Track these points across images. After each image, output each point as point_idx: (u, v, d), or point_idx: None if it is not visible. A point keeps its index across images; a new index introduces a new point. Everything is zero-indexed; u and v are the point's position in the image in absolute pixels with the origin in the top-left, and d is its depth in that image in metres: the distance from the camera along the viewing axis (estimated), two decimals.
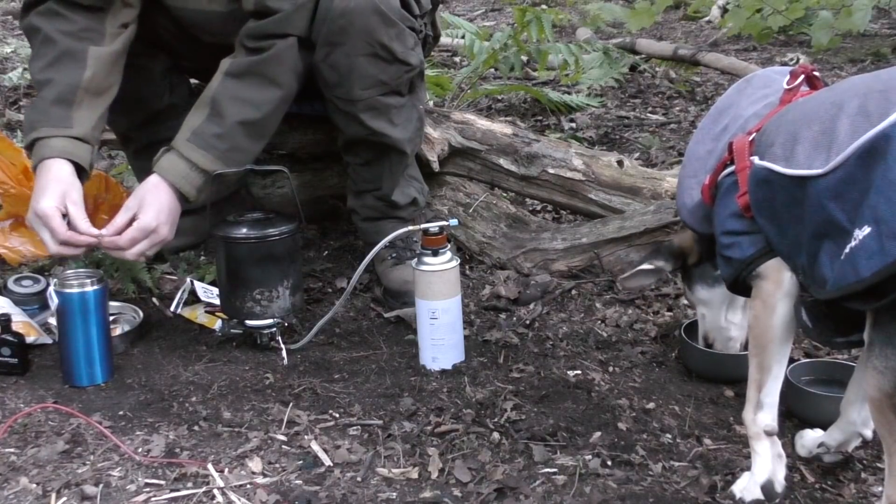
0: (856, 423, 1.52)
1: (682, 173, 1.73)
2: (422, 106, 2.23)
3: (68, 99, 1.92)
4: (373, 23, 1.95)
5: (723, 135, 1.63)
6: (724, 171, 1.55)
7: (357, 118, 2.07)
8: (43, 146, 1.89)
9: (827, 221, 1.28)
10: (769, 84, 1.63)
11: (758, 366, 1.48)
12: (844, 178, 1.26)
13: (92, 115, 1.96)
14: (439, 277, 1.89)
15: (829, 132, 1.31)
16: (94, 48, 1.98)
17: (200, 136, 1.93)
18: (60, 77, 1.94)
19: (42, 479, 1.51)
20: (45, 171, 1.87)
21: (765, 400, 1.48)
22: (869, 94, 1.29)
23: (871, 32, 5.10)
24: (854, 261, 1.20)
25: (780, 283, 1.44)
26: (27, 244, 2.45)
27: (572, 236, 2.36)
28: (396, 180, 2.22)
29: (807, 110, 1.42)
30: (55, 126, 1.90)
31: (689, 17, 6.05)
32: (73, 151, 1.90)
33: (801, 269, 1.39)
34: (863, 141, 1.23)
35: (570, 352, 1.98)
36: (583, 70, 4.20)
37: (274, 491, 1.48)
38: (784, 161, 1.38)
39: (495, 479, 1.51)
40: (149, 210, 1.89)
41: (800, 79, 1.56)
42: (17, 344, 1.89)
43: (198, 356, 2.00)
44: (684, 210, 1.71)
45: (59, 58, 1.95)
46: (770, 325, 1.45)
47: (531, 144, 2.48)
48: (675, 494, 1.48)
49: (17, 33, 5.49)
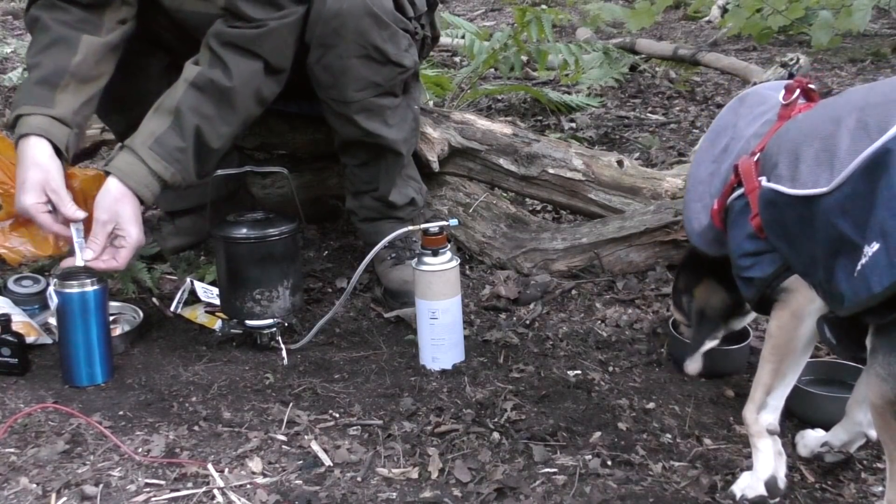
0: (861, 423, 1.53)
1: (686, 198, 1.72)
2: (417, 106, 2.23)
3: (53, 81, 1.92)
4: (365, 25, 1.95)
5: (723, 156, 1.63)
6: (734, 195, 1.55)
7: (351, 120, 2.07)
8: (23, 123, 1.88)
9: (838, 238, 1.28)
10: (763, 101, 1.63)
11: (772, 371, 1.49)
12: (850, 195, 1.26)
13: (75, 100, 1.94)
14: (439, 277, 1.89)
15: (830, 148, 1.32)
16: (88, 37, 1.98)
17: (164, 147, 1.89)
18: (49, 61, 1.94)
19: (42, 479, 1.51)
20: (23, 152, 1.87)
21: (771, 402, 1.50)
22: (866, 108, 1.29)
23: (871, 32, 5.10)
24: (865, 277, 1.20)
25: (812, 298, 1.44)
26: (27, 244, 2.45)
27: (572, 236, 2.36)
28: (393, 181, 2.22)
29: (806, 127, 1.42)
30: (36, 105, 1.89)
31: (689, 17, 6.05)
32: (49, 130, 1.88)
33: (819, 285, 1.38)
34: (865, 156, 1.24)
35: (570, 352, 1.98)
36: (583, 70, 4.20)
37: (274, 491, 1.48)
38: (789, 181, 1.38)
39: (495, 479, 1.51)
40: (132, 226, 1.87)
41: (795, 93, 1.55)
42: (17, 344, 1.89)
43: (198, 356, 2.00)
44: (693, 235, 1.71)
45: (51, 43, 1.96)
46: (796, 336, 1.46)
47: (531, 144, 2.48)
48: (675, 494, 1.48)
49: (17, 33, 5.49)
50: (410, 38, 2.08)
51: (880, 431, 1.28)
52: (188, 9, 2.08)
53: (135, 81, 2.17)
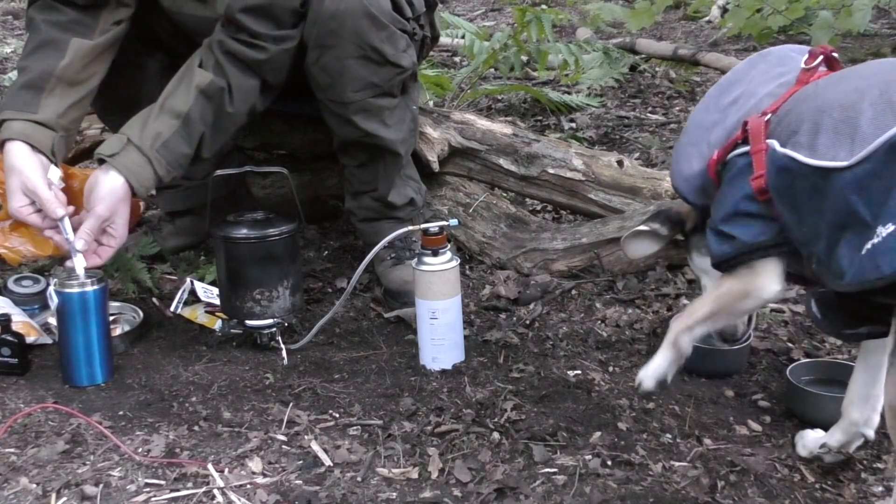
0: (858, 423, 1.52)
1: (681, 140, 1.67)
2: (415, 106, 2.22)
3: (39, 85, 1.92)
4: (363, 25, 1.95)
5: (731, 108, 1.57)
6: (736, 151, 1.50)
7: (349, 120, 2.07)
8: (5, 128, 1.89)
9: (849, 214, 1.26)
10: (785, 62, 1.58)
11: (709, 314, 1.55)
12: (870, 173, 1.24)
13: (61, 104, 1.94)
14: (439, 277, 1.88)
15: (851, 121, 1.29)
16: (78, 39, 1.97)
17: (171, 153, 1.91)
18: (36, 64, 1.94)
19: (42, 479, 1.51)
20: (5, 157, 1.88)
21: (696, 330, 1.56)
22: (891, 82, 1.27)
23: (871, 32, 5.10)
24: (875, 257, 1.19)
25: (767, 290, 1.47)
26: (27, 244, 2.45)
27: (572, 236, 2.36)
28: (392, 181, 2.22)
29: (827, 96, 1.39)
30: (20, 110, 1.90)
31: (689, 17, 6.05)
32: (31, 135, 1.88)
33: (816, 257, 1.36)
34: (889, 135, 1.22)
35: (570, 352, 1.98)
36: (583, 70, 4.20)
37: (274, 491, 1.48)
38: (808, 150, 1.35)
39: (495, 479, 1.51)
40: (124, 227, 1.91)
41: (818, 59, 1.52)
42: (17, 344, 1.89)
43: (198, 356, 2.00)
44: (679, 177, 1.65)
45: (39, 46, 1.96)
46: (738, 309, 1.54)
47: (531, 144, 2.48)
48: (675, 494, 1.48)
49: (17, 33, 5.49)
50: (408, 38, 2.08)
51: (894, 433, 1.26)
52: (188, 12, 2.08)
53: (133, 82, 2.18)
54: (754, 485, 1.51)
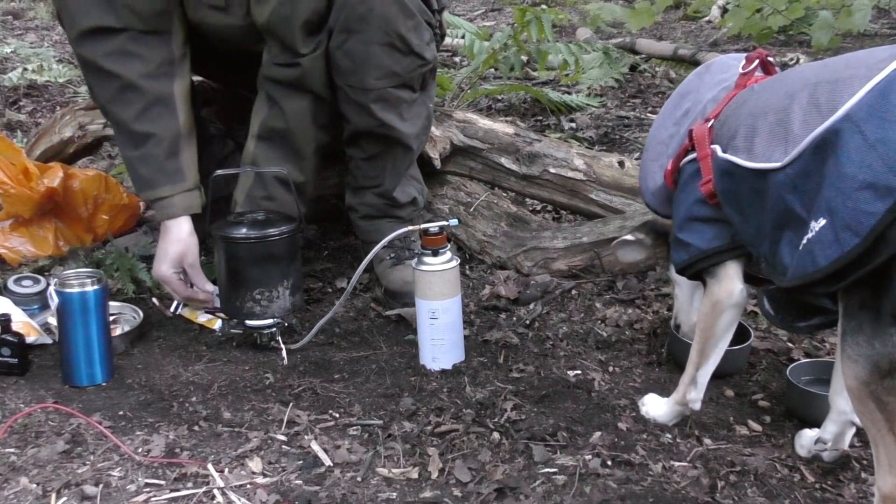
0: (846, 412, 1.54)
1: (644, 157, 1.77)
2: (431, 105, 2.23)
3: (175, 150, 2.03)
4: (392, 12, 1.96)
5: (683, 119, 1.66)
6: (686, 158, 1.60)
7: (367, 108, 2.07)
8: (167, 206, 2.04)
9: (786, 212, 1.33)
10: (727, 69, 1.67)
11: (699, 351, 1.61)
12: (800, 172, 1.30)
13: (193, 158, 2.08)
14: (439, 277, 1.88)
15: (784, 123, 1.35)
16: (177, 86, 2.05)
17: (253, 202, 2.13)
18: (160, 129, 2.02)
19: (42, 479, 1.51)
20: (167, 227, 2.05)
21: (699, 379, 1.63)
22: (819, 85, 1.32)
23: (871, 32, 5.10)
24: (812, 251, 1.24)
25: (732, 294, 1.54)
26: (27, 244, 2.45)
27: (573, 235, 2.36)
28: (399, 176, 2.22)
29: (762, 100, 1.46)
30: (173, 183, 2.03)
31: (689, 17, 6.05)
32: (191, 205, 2.05)
33: (763, 257, 1.43)
34: (815, 135, 1.27)
35: (570, 352, 1.98)
36: (583, 70, 4.20)
37: (274, 491, 1.48)
38: (745, 153, 1.42)
39: (495, 479, 1.51)
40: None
41: (754, 63, 1.60)
42: (17, 344, 1.89)
43: (198, 356, 2.00)
44: (647, 193, 1.75)
45: (150, 106, 2.02)
46: (716, 324, 1.57)
47: (532, 144, 2.48)
48: (675, 494, 1.48)
49: (17, 33, 5.49)
50: (432, 32, 2.09)
51: (860, 415, 1.29)
52: (210, 21, 2.09)
53: None
54: (754, 485, 1.51)
